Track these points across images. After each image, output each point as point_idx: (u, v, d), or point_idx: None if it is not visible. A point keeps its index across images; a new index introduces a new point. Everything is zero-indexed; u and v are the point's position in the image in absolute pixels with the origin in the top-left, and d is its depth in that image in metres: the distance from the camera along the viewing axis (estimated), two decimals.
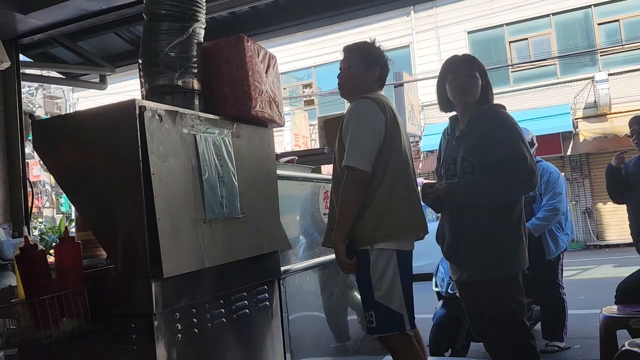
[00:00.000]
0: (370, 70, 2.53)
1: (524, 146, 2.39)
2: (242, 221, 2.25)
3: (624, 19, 13.01)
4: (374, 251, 2.34)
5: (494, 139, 2.40)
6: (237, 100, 2.32)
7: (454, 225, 2.48)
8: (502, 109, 2.54)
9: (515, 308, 2.41)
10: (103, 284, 1.90)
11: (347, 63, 2.57)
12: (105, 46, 5.17)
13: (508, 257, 2.39)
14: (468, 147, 2.45)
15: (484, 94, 2.52)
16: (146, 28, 2.26)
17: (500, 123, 2.45)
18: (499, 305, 2.41)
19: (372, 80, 2.54)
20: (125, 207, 1.85)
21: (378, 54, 2.58)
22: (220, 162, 2.15)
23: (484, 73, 2.55)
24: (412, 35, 14.90)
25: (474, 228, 2.39)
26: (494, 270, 2.38)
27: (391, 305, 2.32)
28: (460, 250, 2.44)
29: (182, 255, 1.90)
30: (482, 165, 2.40)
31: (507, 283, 2.40)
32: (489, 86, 2.56)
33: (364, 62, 2.53)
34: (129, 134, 1.81)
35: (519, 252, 2.42)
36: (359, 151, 2.33)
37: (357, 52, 2.56)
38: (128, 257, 1.84)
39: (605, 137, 12.21)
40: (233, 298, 2.24)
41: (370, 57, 2.56)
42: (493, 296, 2.41)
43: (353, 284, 3.09)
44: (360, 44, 2.60)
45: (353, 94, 2.51)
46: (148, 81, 2.22)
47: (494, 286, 2.40)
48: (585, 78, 13.13)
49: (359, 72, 2.53)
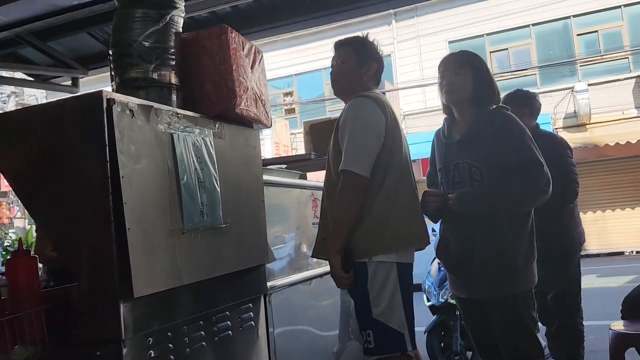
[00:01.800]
0: (366, 66, 2.33)
1: (537, 152, 2.20)
2: (225, 232, 2.02)
3: (603, 30, 13.14)
4: (372, 264, 2.12)
5: (506, 145, 2.20)
6: (219, 97, 2.09)
7: (463, 239, 2.27)
8: (509, 111, 2.34)
9: (530, 324, 2.23)
10: (64, 305, 1.63)
11: (340, 58, 2.36)
12: (78, 47, 4.94)
13: (523, 273, 2.20)
14: (475, 152, 2.25)
15: (480, 91, 2.29)
16: (118, 15, 2.02)
17: (510, 127, 2.25)
18: (515, 322, 2.22)
19: (368, 77, 2.33)
20: (89, 215, 1.60)
21: (373, 48, 2.39)
22: (200, 165, 1.92)
23: (478, 69, 2.31)
24: (394, 44, 14.85)
25: (488, 242, 2.19)
26: (509, 287, 2.19)
27: (391, 323, 2.11)
28: (472, 266, 2.23)
29: (156, 271, 1.67)
30: (493, 172, 2.21)
31: (522, 299, 2.21)
32: (489, 83, 2.32)
33: (359, 57, 2.33)
34: (95, 130, 1.57)
35: (533, 266, 2.23)
36: (357, 154, 2.12)
37: (351, 46, 2.36)
38: (93, 274, 1.59)
39: (586, 147, 12.24)
40: (214, 318, 2.00)
41: (365, 51, 2.36)
42: (508, 314, 2.22)
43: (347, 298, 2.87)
44: (352, 38, 2.40)
45: (348, 92, 2.30)
46: (119, 74, 1.98)
47: (509, 304, 2.21)
48: (565, 88, 13.19)
49: (353, 67, 2.32)
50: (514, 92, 3.58)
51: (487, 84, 2.31)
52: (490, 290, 2.22)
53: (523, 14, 13.48)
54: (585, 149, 12.15)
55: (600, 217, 12.73)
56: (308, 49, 14.75)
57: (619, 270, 9.77)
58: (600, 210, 12.72)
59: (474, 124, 2.29)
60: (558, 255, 3.22)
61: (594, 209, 12.60)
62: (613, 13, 12.91)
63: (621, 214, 12.68)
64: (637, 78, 12.36)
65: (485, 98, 2.31)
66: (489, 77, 2.34)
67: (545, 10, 13.31)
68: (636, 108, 12.50)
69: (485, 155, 2.22)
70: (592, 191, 12.12)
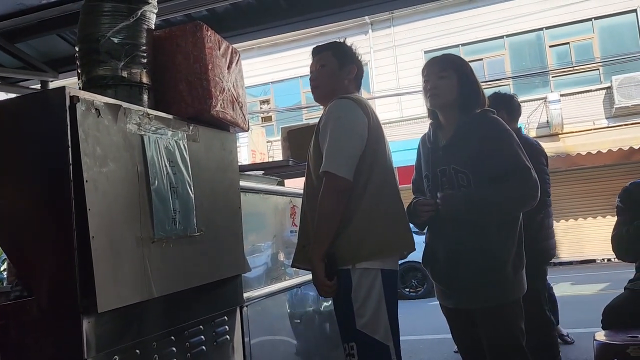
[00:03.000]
0: (346, 69, 2.26)
1: (525, 157, 2.14)
2: (199, 240, 1.90)
3: (574, 42, 13.39)
4: (357, 271, 2.02)
5: (492, 149, 2.13)
6: (194, 98, 1.97)
7: (450, 247, 2.19)
8: (494, 114, 2.28)
9: (519, 335, 2.16)
10: (19, 321, 1.49)
11: (319, 63, 2.29)
12: (47, 49, 4.78)
13: (512, 281, 2.13)
14: (461, 158, 2.17)
15: (465, 94, 2.22)
16: (85, 9, 1.89)
17: (496, 131, 2.18)
18: (502, 333, 2.14)
19: (349, 80, 2.26)
20: (48, 222, 1.47)
21: (351, 51, 2.33)
22: (173, 169, 1.80)
23: (463, 71, 2.25)
24: (371, 53, 14.89)
25: (475, 249, 2.11)
26: (497, 296, 2.12)
27: (376, 335, 2.00)
28: (459, 275, 2.15)
29: (123, 284, 1.53)
30: (479, 177, 2.14)
31: (511, 309, 2.14)
32: (474, 86, 2.24)
33: (339, 60, 2.27)
34: (56, 130, 1.44)
35: (522, 274, 2.16)
36: (339, 156, 2.03)
37: (330, 50, 2.30)
38: (52, 287, 1.45)
39: (559, 156, 12.41)
40: (187, 333, 1.86)
41: (344, 54, 2.29)
42: (496, 324, 2.14)
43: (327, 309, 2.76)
44: (331, 43, 2.34)
45: (330, 97, 2.21)
46: (86, 72, 1.84)
47: (497, 313, 2.13)
48: (538, 98, 13.39)
49: (333, 71, 2.25)
50: (490, 96, 3.54)
51: (472, 87, 2.25)
52: (478, 299, 2.14)
53: (497, 25, 13.69)
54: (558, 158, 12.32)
55: (573, 225, 12.91)
56: (285, 56, 14.72)
57: (592, 277, 9.89)
58: (572, 219, 12.91)
59: (459, 129, 2.22)
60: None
61: (567, 217, 12.80)
62: (584, 25, 13.18)
63: (593, 222, 12.88)
64: (607, 89, 12.61)
65: (471, 101, 2.24)
66: (474, 80, 2.27)
67: (518, 22, 13.52)
68: (607, 118, 12.76)
69: (471, 161, 2.15)
70: (564, 200, 12.30)
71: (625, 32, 12.89)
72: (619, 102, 12.05)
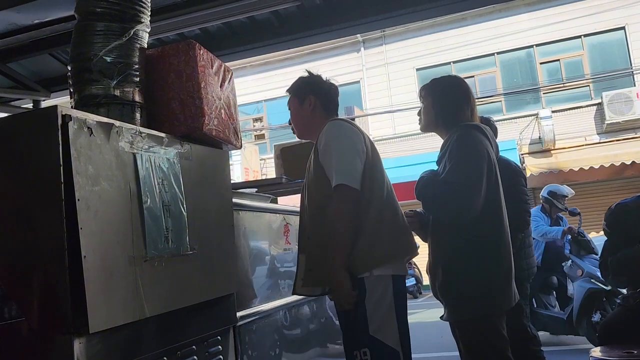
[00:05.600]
0: (306, 103, 2.35)
1: (476, 166, 2.11)
2: (192, 259, 1.88)
3: (564, 58, 13.55)
4: (371, 278, 2.07)
5: (448, 159, 2.17)
6: (187, 116, 1.98)
7: (430, 259, 2.26)
8: (470, 129, 2.26)
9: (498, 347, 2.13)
10: (10, 343, 1.47)
11: (289, 107, 2.43)
12: (40, 68, 4.79)
13: (489, 293, 2.12)
14: (440, 172, 2.24)
15: (440, 114, 2.29)
16: (78, 29, 1.90)
17: (458, 141, 2.18)
18: (480, 347, 2.13)
19: (312, 111, 2.34)
20: (40, 241, 1.45)
21: (309, 82, 2.40)
22: (165, 187, 1.79)
23: (436, 94, 2.32)
24: (363, 71, 15.01)
25: (450, 255, 2.16)
26: (470, 309, 2.11)
27: (387, 341, 2.04)
28: (437, 283, 2.18)
29: (115, 303, 1.52)
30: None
31: (488, 322, 2.12)
32: (448, 106, 2.28)
33: (298, 98, 2.38)
34: (48, 149, 1.44)
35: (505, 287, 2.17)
36: (347, 169, 2.11)
37: (291, 91, 2.43)
38: (44, 307, 1.43)
39: (551, 172, 12.48)
40: (179, 353, 1.84)
41: (301, 90, 2.39)
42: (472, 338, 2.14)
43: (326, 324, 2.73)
44: (292, 85, 2.44)
45: (307, 132, 2.40)
46: (78, 90, 1.85)
47: (469, 327, 2.13)
48: (530, 115, 13.50)
49: (297, 111, 2.39)
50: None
51: (446, 108, 2.30)
52: (453, 311, 2.16)
53: (488, 43, 13.84)
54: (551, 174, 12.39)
55: None
56: (278, 74, 14.79)
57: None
58: None
59: (443, 145, 2.32)
60: None
61: None
62: (574, 43, 13.35)
63: None
64: (598, 105, 12.74)
65: (447, 120, 2.30)
66: (449, 101, 2.31)
67: (509, 40, 13.69)
68: (598, 134, 12.86)
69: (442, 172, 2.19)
70: None
71: (615, 49, 13.07)
72: (610, 118, 12.16)
